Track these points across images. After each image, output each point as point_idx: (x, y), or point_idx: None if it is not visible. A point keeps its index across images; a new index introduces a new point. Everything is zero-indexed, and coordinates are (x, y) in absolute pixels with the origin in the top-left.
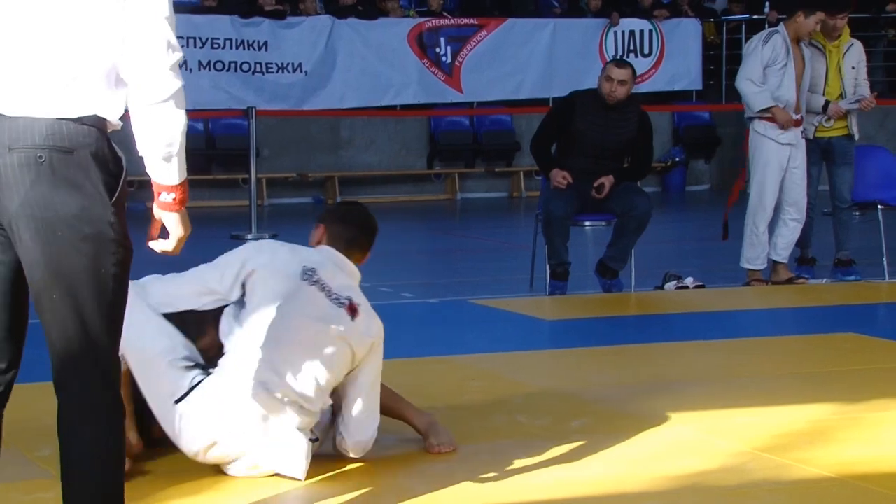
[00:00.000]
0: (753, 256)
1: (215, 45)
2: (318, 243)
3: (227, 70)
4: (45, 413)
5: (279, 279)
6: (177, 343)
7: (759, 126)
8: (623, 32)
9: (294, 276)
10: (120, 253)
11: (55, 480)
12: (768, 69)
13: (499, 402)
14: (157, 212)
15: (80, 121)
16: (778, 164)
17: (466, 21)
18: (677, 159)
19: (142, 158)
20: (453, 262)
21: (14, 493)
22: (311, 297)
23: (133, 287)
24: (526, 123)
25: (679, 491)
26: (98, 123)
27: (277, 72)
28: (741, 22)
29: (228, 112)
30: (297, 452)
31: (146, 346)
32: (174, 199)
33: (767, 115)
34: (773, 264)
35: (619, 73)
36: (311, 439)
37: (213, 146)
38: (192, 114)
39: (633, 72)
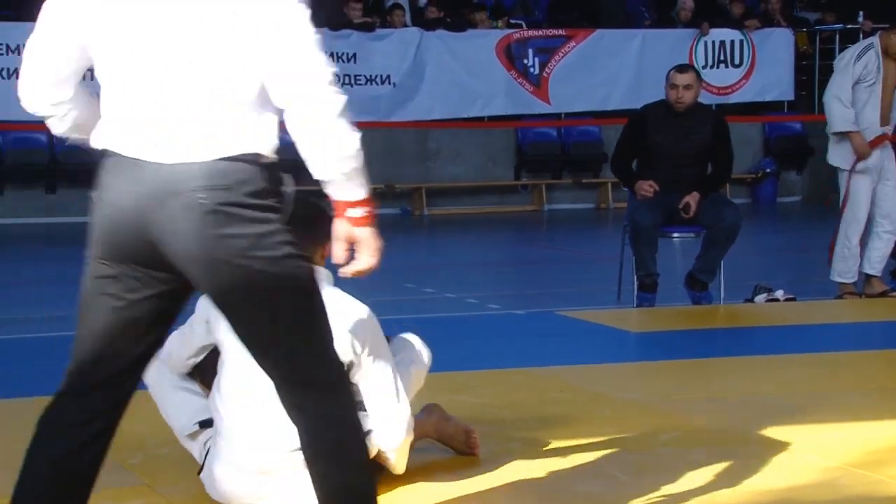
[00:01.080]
0: (845, 269)
1: None
2: None
3: None
4: (137, 421)
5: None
6: (193, 410)
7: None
8: (713, 42)
9: None
10: (302, 268)
11: (147, 487)
12: (857, 85)
13: (585, 414)
14: (345, 230)
15: (235, 159)
16: (868, 177)
17: (554, 32)
18: (768, 170)
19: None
20: (540, 273)
21: (106, 499)
22: None
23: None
24: (614, 134)
25: None
26: (253, 158)
27: (366, 84)
28: (835, 32)
29: None
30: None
31: (171, 422)
32: (366, 213)
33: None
34: (867, 277)
35: (682, 79)
36: None
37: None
38: (282, 126)
39: (697, 74)
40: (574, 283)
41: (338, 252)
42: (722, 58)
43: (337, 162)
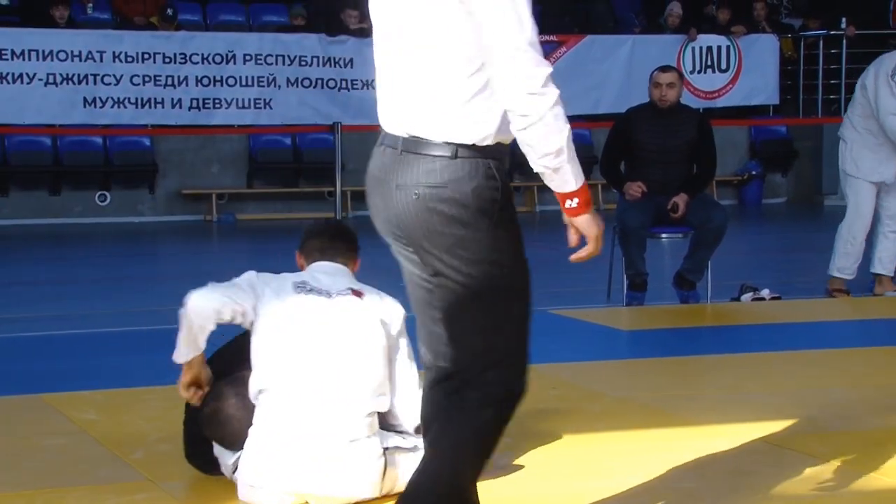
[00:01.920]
0: (845, 266)
1: (303, 63)
2: (301, 269)
3: (314, 87)
4: (138, 417)
5: (279, 302)
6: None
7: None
8: (701, 48)
9: (289, 292)
10: (503, 271)
11: (148, 482)
12: None
13: (577, 410)
14: (567, 219)
15: (454, 156)
16: (871, 179)
17: (546, 38)
18: (754, 173)
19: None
20: (533, 273)
21: (109, 494)
22: (312, 303)
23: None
24: (604, 137)
25: (748, 501)
26: (470, 155)
27: (362, 88)
28: (818, 38)
29: (315, 127)
30: (368, 471)
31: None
32: (578, 203)
33: None
34: (877, 277)
35: (665, 77)
36: (384, 449)
37: (300, 160)
38: (280, 129)
39: (679, 74)
40: (565, 282)
41: (570, 238)
42: (709, 63)
43: (542, 158)
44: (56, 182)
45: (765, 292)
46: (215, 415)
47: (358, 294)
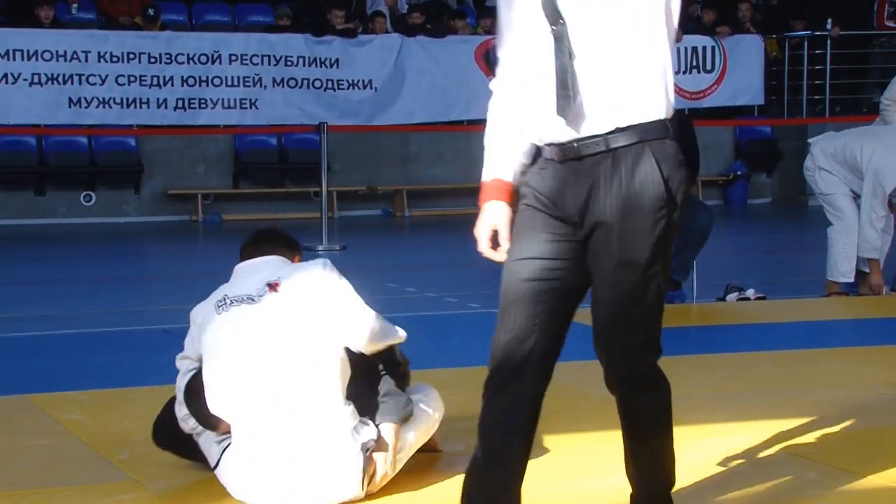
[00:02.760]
0: (848, 270)
1: (289, 63)
2: None
3: (300, 87)
4: (123, 418)
5: (207, 335)
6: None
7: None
8: (686, 49)
9: (212, 317)
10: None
11: (134, 483)
12: None
13: (564, 410)
14: None
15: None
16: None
17: None
18: (739, 173)
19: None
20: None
21: (95, 494)
22: (236, 317)
23: None
24: None
25: (738, 500)
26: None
27: (348, 88)
28: (803, 38)
29: (301, 127)
30: (349, 472)
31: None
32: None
33: None
34: (863, 276)
35: None
36: (364, 447)
37: (286, 160)
38: (265, 129)
39: None
40: None
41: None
42: (694, 63)
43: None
44: (41, 182)
45: (750, 292)
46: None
47: (274, 287)
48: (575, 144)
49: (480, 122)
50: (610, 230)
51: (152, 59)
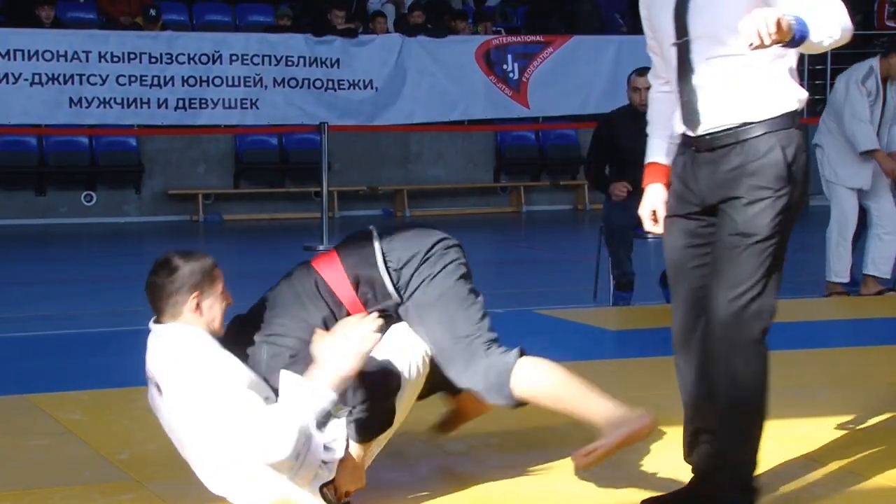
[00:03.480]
0: (841, 269)
1: (289, 63)
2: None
3: (301, 87)
4: (123, 418)
5: None
6: None
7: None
8: None
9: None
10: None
11: (134, 483)
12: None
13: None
14: None
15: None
16: (849, 185)
17: (533, 38)
18: None
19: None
20: (519, 273)
21: (95, 494)
22: (153, 394)
23: None
24: (590, 137)
25: None
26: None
27: (349, 88)
28: None
29: (301, 127)
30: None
31: None
32: None
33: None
34: (865, 278)
35: (642, 81)
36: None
37: (287, 160)
38: (266, 129)
39: None
40: (552, 282)
41: None
42: None
43: None
44: (42, 182)
45: None
46: None
47: (159, 389)
48: (707, 137)
49: (481, 123)
50: (735, 205)
51: (153, 59)
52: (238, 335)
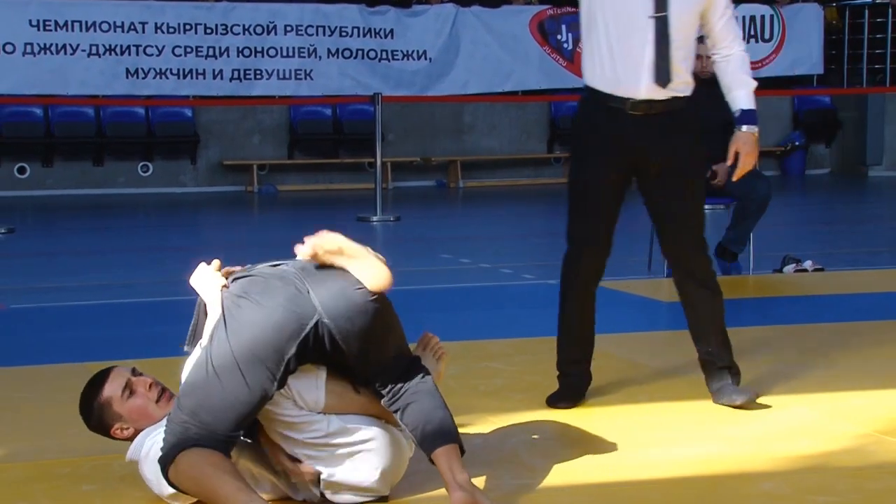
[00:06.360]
0: None
1: (343, 34)
2: None
3: (355, 57)
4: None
5: None
6: None
7: None
8: (744, 17)
9: None
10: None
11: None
12: None
13: (617, 381)
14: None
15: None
16: None
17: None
18: (797, 143)
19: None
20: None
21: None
22: None
23: None
24: None
25: (799, 472)
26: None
27: (403, 59)
28: (864, 6)
29: (355, 98)
30: None
31: None
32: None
33: None
34: None
35: (703, 49)
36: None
37: (341, 131)
38: (320, 100)
39: None
40: None
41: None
42: (752, 32)
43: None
44: (99, 153)
45: (808, 264)
46: None
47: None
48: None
49: (534, 93)
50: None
51: (208, 30)
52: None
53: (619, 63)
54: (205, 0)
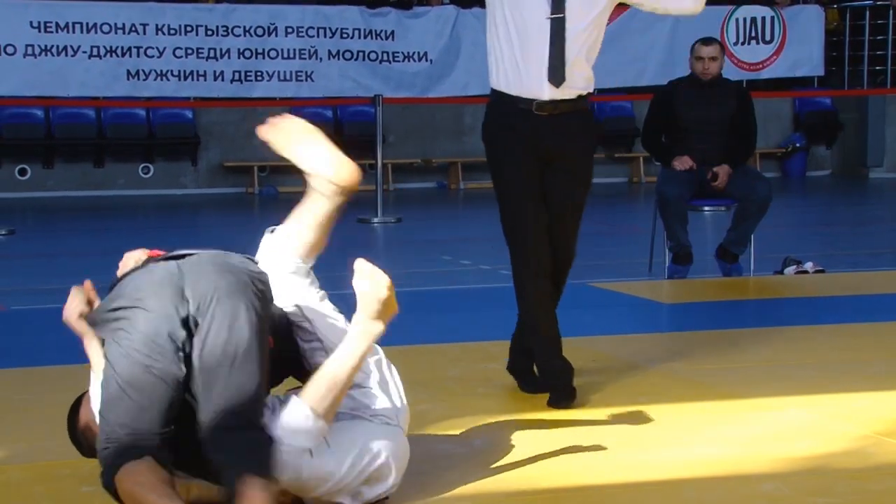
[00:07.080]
0: None
1: (344, 35)
2: None
3: (356, 59)
4: None
5: None
6: None
7: None
8: (744, 19)
9: None
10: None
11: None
12: None
13: (618, 383)
14: None
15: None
16: None
17: None
18: (798, 145)
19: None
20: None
21: None
22: None
23: None
24: (646, 110)
25: (799, 473)
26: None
27: (403, 60)
28: (864, 8)
29: (356, 100)
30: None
31: None
32: None
33: None
34: None
35: (707, 51)
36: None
37: (342, 132)
38: (321, 101)
39: (721, 47)
40: (607, 255)
41: None
42: (753, 34)
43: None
44: (100, 154)
45: (808, 265)
46: None
47: None
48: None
49: None
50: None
51: (209, 32)
52: None
53: (521, 65)
54: (205, 2)
